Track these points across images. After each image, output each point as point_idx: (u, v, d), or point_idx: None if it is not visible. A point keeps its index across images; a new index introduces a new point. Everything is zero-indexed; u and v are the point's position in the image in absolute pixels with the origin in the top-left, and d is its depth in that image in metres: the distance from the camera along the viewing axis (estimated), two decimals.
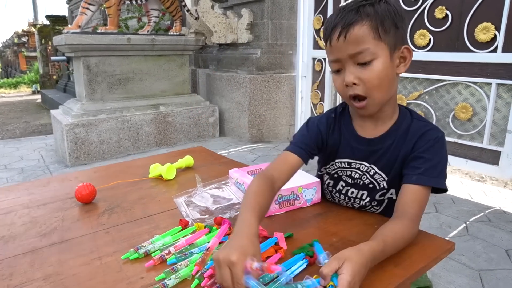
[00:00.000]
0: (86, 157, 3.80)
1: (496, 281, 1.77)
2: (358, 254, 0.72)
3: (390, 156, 1.00)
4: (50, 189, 1.28)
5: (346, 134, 1.05)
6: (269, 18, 4.35)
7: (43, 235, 0.94)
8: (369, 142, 1.02)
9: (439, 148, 0.96)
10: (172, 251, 0.81)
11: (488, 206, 2.61)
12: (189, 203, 1.09)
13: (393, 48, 0.92)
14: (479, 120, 3.00)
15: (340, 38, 0.90)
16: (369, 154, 1.02)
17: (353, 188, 1.07)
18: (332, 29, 0.92)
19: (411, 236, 0.87)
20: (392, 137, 1.00)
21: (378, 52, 0.90)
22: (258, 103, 4.39)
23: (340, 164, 1.07)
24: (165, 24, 6.14)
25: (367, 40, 0.89)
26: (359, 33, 0.89)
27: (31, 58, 16.84)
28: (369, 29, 0.89)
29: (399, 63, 0.95)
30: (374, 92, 0.92)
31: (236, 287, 0.65)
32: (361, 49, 0.89)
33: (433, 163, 0.93)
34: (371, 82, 0.90)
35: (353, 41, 0.89)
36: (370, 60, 0.89)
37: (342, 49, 0.91)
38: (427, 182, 0.92)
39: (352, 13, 0.90)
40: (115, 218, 1.04)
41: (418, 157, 0.95)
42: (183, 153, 1.55)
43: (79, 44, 3.71)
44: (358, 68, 0.91)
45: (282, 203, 1.04)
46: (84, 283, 0.74)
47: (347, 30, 0.89)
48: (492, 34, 2.77)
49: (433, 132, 0.98)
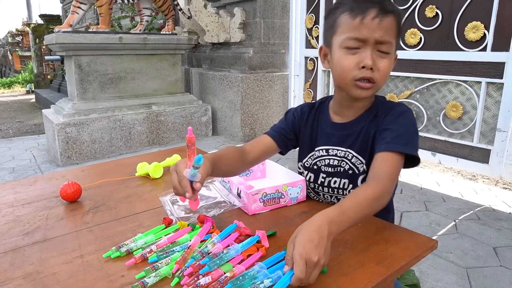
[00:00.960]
0: (78, 156, 3.78)
1: (483, 278, 1.78)
2: (307, 223, 0.72)
3: (363, 138, 1.03)
4: (36, 188, 1.27)
5: (323, 123, 1.11)
6: (262, 17, 4.35)
7: (26, 234, 0.94)
8: (342, 127, 1.07)
9: (404, 120, 0.98)
10: (154, 250, 0.81)
11: (478, 204, 2.63)
12: (174, 201, 1.09)
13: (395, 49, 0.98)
14: (469, 119, 3.01)
15: (376, 20, 0.90)
16: (344, 138, 1.06)
17: (335, 177, 1.09)
18: (368, 7, 0.91)
19: (379, 193, 0.85)
20: (364, 120, 1.04)
21: (393, 49, 0.96)
22: (250, 102, 4.39)
23: (318, 152, 1.10)
24: (158, 24, 6.12)
25: (392, 34, 0.93)
26: (391, 23, 0.92)
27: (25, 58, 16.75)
28: (395, 25, 0.94)
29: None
30: (381, 81, 0.96)
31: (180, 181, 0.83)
32: (388, 40, 0.92)
33: (399, 133, 0.95)
34: (384, 71, 0.95)
35: (385, 28, 0.91)
36: (388, 52, 0.94)
37: (374, 31, 0.91)
38: (394, 148, 0.92)
39: (388, 2, 0.92)
40: (99, 216, 1.03)
41: (385, 129, 0.97)
42: (172, 152, 1.55)
43: (70, 43, 3.69)
44: (377, 55, 0.94)
45: (267, 201, 1.04)
46: (64, 282, 0.73)
47: (384, 15, 0.91)
48: (482, 33, 2.79)
49: (398, 108, 1.01)
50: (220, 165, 0.96)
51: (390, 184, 0.88)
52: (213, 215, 0.98)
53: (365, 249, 0.84)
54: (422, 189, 2.90)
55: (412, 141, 0.95)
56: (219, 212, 1.00)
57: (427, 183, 3.02)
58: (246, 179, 1.24)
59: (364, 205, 0.81)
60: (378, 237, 0.90)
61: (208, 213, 0.99)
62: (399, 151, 0.92)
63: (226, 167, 1.01)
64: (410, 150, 0.93)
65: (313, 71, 4.26)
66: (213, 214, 0.99)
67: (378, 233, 0.92)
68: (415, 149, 0.95)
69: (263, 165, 1.30)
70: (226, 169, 1.01)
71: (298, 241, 0.68)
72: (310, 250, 0.67)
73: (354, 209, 0.79)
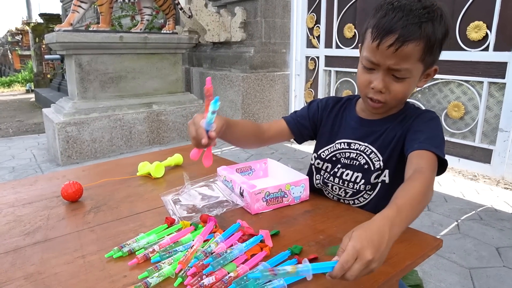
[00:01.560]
0: (78, 156, 3.77)
1: (486, 279, 1.77)
2: (367, 223, 0.67)
3: (386, 136, 1.04)
4: (37, 188, 1.26)
5: (348, 118, 1.12)
6: (263, 16, 4.34)
7: (26, 234, 0.93)
8: (369, 123, 1.08)
9: (435, 125, 0.98)
10: (157, 249, 0.80)
11: (480, 204, 2.62)
12: (176, 201, 1.08)
13: (426, 68, 0.95)
14: (471, 119, 3.00)
15: (391, 48, 0.89)
16: (368, 134, 1.07)
17: (349, 170, 1.09)
18: (387, 33, 0.89)
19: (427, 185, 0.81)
20: (391, 121, 1.05)
21: (414, 72, 0.93)
22: (251, 102, 4.38)
23: (340, 145, 1.11)
24: (159, 23, 6.12)
25: (412, 61, 0.90)
26: (410, 52, 0.89)
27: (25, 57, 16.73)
28: (420, 51, 0.89)
29: (423, 78, 0.99)
30: (392, 102, 0.98)
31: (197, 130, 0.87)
32: (403, 68, 0.91)
33: (431, 135, 0.95)
34: (397, 95, 0.95)
35: (401, 57, 0.89)
36: (404, 77, 0.93)
37: (387, 57, 0.90)
38: (427, 147, 0.91)
39: (415, 28, 0.87)
40: (101, 216, 1.02)
41: (417, 131, 0.97)
42: (173, 152, 1.54)
43: (71, 42, 3.68)
44: (391, 79, 0.94)
45: (270, 201, 1.03)
46: (66, 282, 0.72)
47: (401, 44, 0.88)
48: (484, 33, 2.78)
49: (428, 113, 1.02)
50: (235, 130, 1.03)
51: (433, 177, 0.86)
52: (216, 214, 0.97)
53: None
54: None
55: (441, 146, 0.95)
56: (222, 212, 0.99)
57: None
58: (248, 178, 1.23)
59: (417, 200, 0.77)
60: None
61: (211, 213, 0.98)
62: (432, 151, 0.91)
63: (240, 134, 1.07)
64: (440, 152, 0.92)
65: (314, 71, 4.25)
66: (215, 213, 0.98)
67: None
68: (443, 154, 0.93)
69: (265, 164, 1.29)
70: (239, 136, 1.08)
71: (357, 235, 0.63)
72: (366, 246, 0.62)
73: (410, 205, 0.75)
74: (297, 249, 0.81)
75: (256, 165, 1.27)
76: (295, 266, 0.62)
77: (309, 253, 0.81)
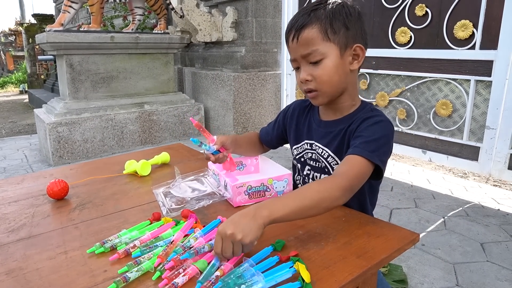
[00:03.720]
0: (70, 156, 3.77)
1: (469, 273, 1.80)
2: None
3: (341, 139, 1.08)
4: (24, 186, 1.27)
5: (311, 119, 1.19)
6: (254, 16, 4.36)
7: (11, 231, 0.94)
8: (326, 124, 1.13)
9: (377, 129, 1.00)
10: (138, 245, 0.82)
11: (468, 201, 2.65)
12: (166, 194, 1.11)
13: (344, 48, 1.01)
14: (459, 117, 3.04)
15: (294, 40, 1.01)
16: (324, 135, 1.12)
17: (316, 172, 1.16)
18: (288, 32, 1.03)
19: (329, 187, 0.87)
20: (344, 123, 1.09)
21: (327, 52, 0.99)
22: (243, 101, 4.40)
23: (305, 145, 1.17)
24: (151, 23, 6.11)
25: (316, 42, 0.98)
26: (308, 35, 0.99)
27: (19, 58, 16.63)
28: (318, 32, 0.98)
29: (353, 60, 1.04)
30: (324, 86, 1.02)
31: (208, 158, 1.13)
32: (311, 50, 0.99)
33: (368, 139, 0.97)
34: (321, 78, 1.01)
35: (303, 43, 0.99)
36: (320, 59, 1.00)
37: (296, 50, 1.02)
38: (358, 152, 0.94)
39: (305, 17, 1.00)
40: (85, 213, 1.04)
41: (357, 136, 1.01)
42: (161, 150, 1.56)
43: (61, 42, 3.68)
44: (311, 66, 1.01)
45: (252, 194, 1.05)
46: (47, 277, 0.74)
47: (299, 33, 0.99)
48: (470, 32, 2.82)
49: (376, 117, 1.04)
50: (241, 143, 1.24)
51: (345, 181, 0.89)
52: (203, 205, 1.00)
53: (347, 243, 0.86)
54: (413, 187, 2.93)
55: (379, 150, 0.96)
56: (208, 203, 1.02)
57: (417, 181, 3.05)
58: (239, 173, 1.25)
59: (308, 195, 0.84)
60: (361, 231, 0.91)
61: (198, 204, 1.00)
62: (363, 156, 0.93)
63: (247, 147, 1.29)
64: (374, 158, 0.94)
65: None
66: (202, 204, 1.01)
67: (361, 227, 0.93)
68: (380, 159, 0.95)
69: (256, 160, 1.31)
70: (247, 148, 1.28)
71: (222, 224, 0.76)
72: (225, 225, 0.74)
73: (293, 197, 0.84)
74: (279, 244, 0.83)
75: (247, 160, 1.30)
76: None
77: (287, 247, 0.83)
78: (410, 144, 3.40)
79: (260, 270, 0.72)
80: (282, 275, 0.71)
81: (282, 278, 0.70)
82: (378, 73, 3.52)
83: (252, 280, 0.69)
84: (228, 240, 0.72)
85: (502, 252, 1.98)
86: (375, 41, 3.44)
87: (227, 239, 0.72)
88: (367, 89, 3.66)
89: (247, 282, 0.68)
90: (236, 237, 0.72)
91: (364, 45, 1.04)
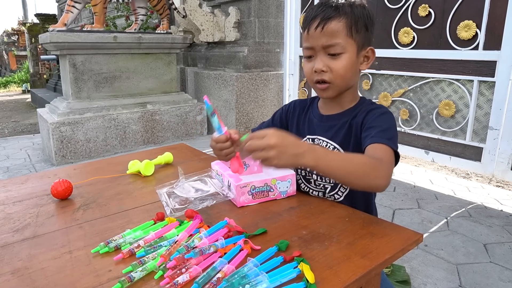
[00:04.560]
0: (73, 155, 3.78)
1: (472, 274, 1.80)
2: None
3: (347, 131, 1.10)
4: (28, 186, 1.28)
5: (311, 115, 1.21)
6: (256, 16, 4.36)
7: (15, 231, 0.94)
8: (327, 118, 1.16)
9: (386, 119, 1.05)
10: (142, 245, 0.82)
11: (470, 202, 2.65)
12: (170, 194, 1.11)
13: (360, 47, 1.05)
14: (462, 117, 3.03)
15: (318, 29, 1.01)
16: (327, 129, 1.14)
17: None
18: (312, 19, 1.03)
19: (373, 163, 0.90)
20: (347, 116, 1.12)
21: (347, 48, 1.02)
22: (245, 101, 4.40)
23: (308, 141, 1.18)
24: (153, 23, 6.13)
25: (340, 35, 1.01)
26: (335, 27, 1.01)
27: (21, 57, 16.68)
28: (344, 26, 1.01)
29: (363, 61, 1.09)
30: (338, 80, 1.05)
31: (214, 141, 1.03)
32: (334, 42, 1.01)
33: (382, 128, 1.01)
34: (338, 71, 1.03)
35: (328, 33, 1.01)
36: (340, 53, 1.02)
37: (318, 39, 1.02)
38: (380, 141, 0.97)
39: (332, 9, 1.01)
40: (89, 213, 1.04)
41: (369, 127, 1.04)
42: (164, 150, 1.56)
43: (65, 42, 3.69)
44: (329, 58, 1.03)
45: (255, 194, 1.05)
46: (52, 276, 0.74)
47: (325, 22, 1.00)
48: (474, 32, 2.81)
49: (379, 109, 1.08)
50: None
51: (385, 165, 0.91)
52: (206, 205, 1.00)
53: (351, 243, 0.86)
54: (415, 187, 2.92)
55: (394, 139, 1.00)
56: (212, 203, 1.02)
57: (420, 181, 3.04)
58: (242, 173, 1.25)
59: (351, 161, 0.88)
60: (364, 231, 0.91)
61: (202, 204, 1.00)
62: (385, 143, 0.97)
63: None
64: (391, 144, 0.97)
65: None
66: (206, 205, 1.01)
67: (364, 228, 0.93)
68: (396, 146, 0.99)
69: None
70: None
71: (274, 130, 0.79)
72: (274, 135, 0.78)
73: (342, 157, 0.88)
74: (283, 244, 0.83)
75: (251, 160, 1.29)
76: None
77: (291, 247, 0.84)
78: (413, 145, 3.39)
79: (264, 270, 0.72)
80: (287, 275, 0.71)
81: (286, 278, 0.70)
82: (381, 73, 3.51)
83: (256, 280, 0.69)
84: (263, 144, 0.77)
85: (505, 253, 1.98)
86: (378, 41, 3.44)
87: (264, 143, 0.77)
88: (369, 89, 3.65)
89: (251, 282, 0.68)
90: (271, 152, 0.77)
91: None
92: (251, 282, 0.68)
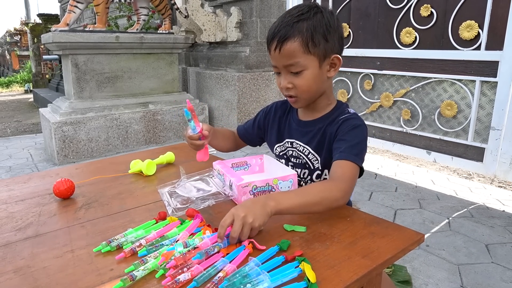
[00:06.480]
0: (75, 155, 3.79)
1: (474, 274, 1.80)
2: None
3: (321, 138, 1.15)
4: (30, 185, 1.28)
5: (291, 119, 1.25)
6: (258, 16, 4.36)
7: (18, 230, 0.95)
8: (305, 124, 1.20)
9: (358, 133, 1.08)
10: (143, 244, 0.82)
11: (472, 202, 2.64)
12: (172, 193, 1.11)
13: (322, 59, 1.07)
14: (463, 117, 3.03)
15: (276, 51, 1.05)
16: (303, 134, 1.19)
17: (297, 168, 1.23)
18: (270, 41, 1.07)
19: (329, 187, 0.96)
20: (323, 122, 1.16)
21: (307, 64, 1.05)
22: (247, 101, 4.41)
23: (287, 144, 1.24)
24: (155, 23, 6.13)
25: (297, 55, 1.03)
26: (291, 48, 1.03)
27: (24, 57, 16.71)
28: (299, 45, 1.02)
29: (330, 68, 1.11)
30: (304, 95, 1.10)
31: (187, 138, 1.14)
32: (293, 62, 1.04)
33: (351, 144, 1.05)
34: (301, 87, 1.08)
35: (286, 55, 1.04)
36: (300, 70, 1.06)
37: (278, 59, 1.06)
38: (346, 157, 1.03)
39: (287, 28, 1.03)
40: (91, 212, 1.05)
41: (340, 139, 1.08)
42: (166, 150, 1.56)
43: (67, 42, 3.70)
44: (292, 75, 1.08)
45: (257, 194, 1.05)
46: (54, 275, 0.75)
47: (281, 44, 1.03)
48: (476, 32, 2.81)
49: (353, 120, 1.11)
50: (219, 135, 1.30)
51: (343, 184, 0.97)
52: (208, 205, 1.00)
53: (352, 243, 0.86)
54: (417, 188, 2.92)
55: (360, 154, 1.05)
56: (213, 203, 1.02)
57: (422, 182, 3.04)
58: (244, 173, 1.25)
59: (311, 192, 0.93)
60: (366, 231, 0.91)
61: (203, 203, 1.00)
62: (351, 160, 1.02)
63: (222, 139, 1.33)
64: (357, 160, 1.03)
65: None
66: (208, 204, 1.01)
67: (366, 228, 0.93)
68: (362, 161, 1.05)
69: (261, 160, 1.31)
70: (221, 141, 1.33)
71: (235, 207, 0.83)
72: (239, 208, 0.82)
73: (298, 193, 0.94)
74: (285, 244, 0.83)
75: (252, 160, 1.30)
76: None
77: (292, 247, 0.84)
78: (415, 145, 3.40)
79: (265, 269, 0.72)
80: (288, 275, 0.71)
81: (287, 278, 0.70)
82: (383, 73, 3.51)
83: (257, 279, 0.69)
84: (240, 221, 0.79)
85: (507, 254, 1.97)
86: (380, 41, 3.44)
87: (239, 220, 0.79)
88: (371, 89, 3.65)
89: (253, 281, 0.68)
90: (247, 219, 0.79)
91: (340, 52, 1.11)
92: (252, 281, 0.68)
